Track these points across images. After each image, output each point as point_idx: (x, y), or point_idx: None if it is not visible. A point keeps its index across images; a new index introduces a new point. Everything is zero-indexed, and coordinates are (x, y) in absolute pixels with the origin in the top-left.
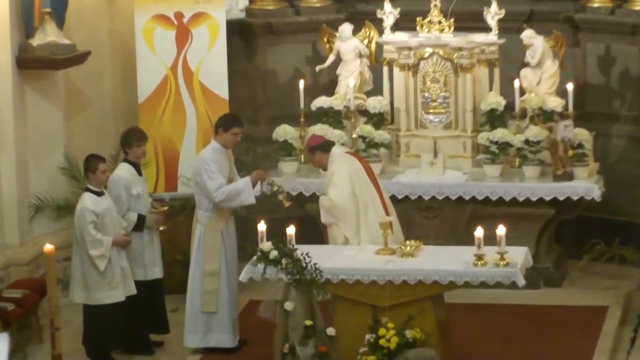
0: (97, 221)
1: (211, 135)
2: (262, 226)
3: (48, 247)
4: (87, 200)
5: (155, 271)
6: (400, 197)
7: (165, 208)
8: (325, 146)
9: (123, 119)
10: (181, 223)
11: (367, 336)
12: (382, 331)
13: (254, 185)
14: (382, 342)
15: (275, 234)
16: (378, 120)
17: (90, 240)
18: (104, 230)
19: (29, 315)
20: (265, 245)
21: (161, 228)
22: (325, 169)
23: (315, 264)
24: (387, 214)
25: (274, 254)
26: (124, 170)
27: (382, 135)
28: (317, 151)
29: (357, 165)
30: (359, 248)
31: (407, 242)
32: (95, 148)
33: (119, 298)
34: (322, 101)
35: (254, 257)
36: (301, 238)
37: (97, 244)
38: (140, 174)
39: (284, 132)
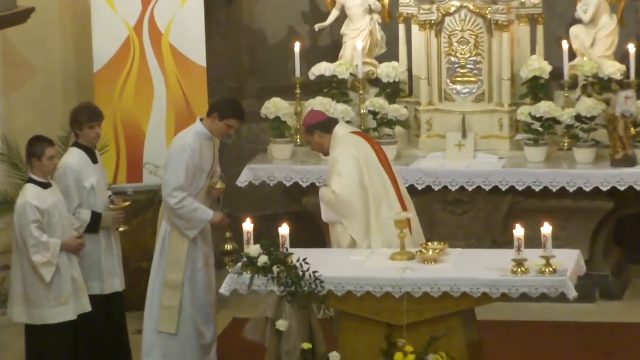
0: (42, 220)
1: (185, 112)
2: (248, 225)
3: None
4: (30, 194)
5: (115, 283)
6: (420, 187)
7: (127, 204)
8: (327, 125)
9: (75, 92)
10: (147, 222)
11: None
12: (398, 356)
13: (213, 224)
14: None
15: (266, 235)
16: (393, 91)
17: (34, 243)
18: (51, 231)
19: None
20: (253, 249)
21: (122, 229)
22: (326, 153)
23: (315, 272)
24: (404, 209)
25: (263, 260)
26: (74, 157)
27: (397, 110)
28: (316, 131)
29: (366, 148)
30: (369, 252)
31: (430, 244)
32: (40, 129)
33: (69, 316)
34: (322, 68)
35: (239, 264)
36: (297, 240)
37: (42, 248)
38: (95, 161)
39: (276, 107)
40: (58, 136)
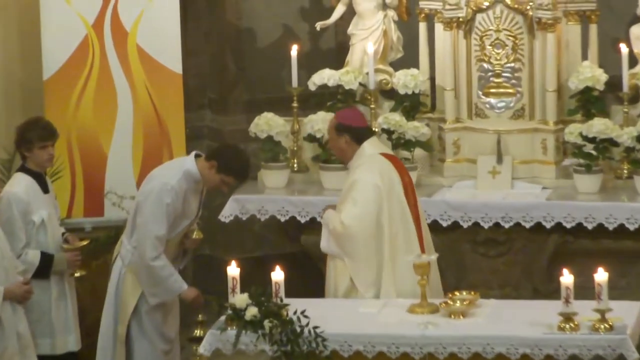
0: None
1: (155, 129)
2: (233, 270)
3: None
4: None
5: (69, 340)
6: (445, 224)
7: (84, 243)
8: (361, 135)
9: (19, 105)
10: (109, 265)
11: None
12: None
13: (183, 301)
14: None
15: (255, 281)
16: (411, 105)
17: None
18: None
19: None
20: (240, 299)
21: (77, 274)
22: (345, 162)
23: (315, 327)
24: (423, 251)
25: (252, 312)
26: (20, 184)
27: (417, 128)
28: (346, 135)
29: (392, 176)
30: (382, 303)
31: (457, 294)
32: None
33: None
34: (325, 76)
35: (222, 318)
36: (294, 288)
37: None
38: (45, 190)
39: (267, 124)
40: (0, 159)
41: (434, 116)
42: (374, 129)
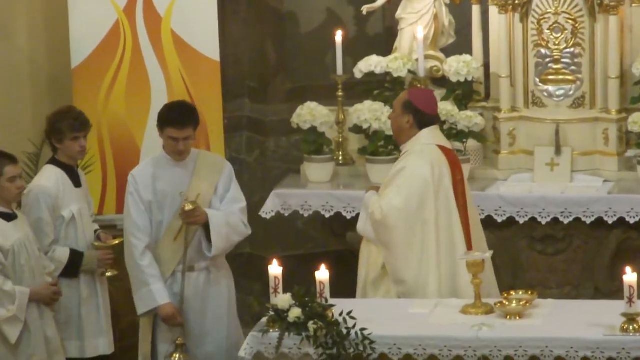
0: (4, 262)
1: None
2: (275, 269)
3: None
4: None
5: (99, 344)
6: (500, 219)
7: (117, 241)
8: (428, 120)
9: (46, 95)
10: None
11: None
12: None
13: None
14: None
15: (299, 281)
16: (464, 94)
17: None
18: (17, 276)
19: None
20: (282, 299)
21: (109, 273)
22: (399, 143)
23: (363, 329)
24: (470, 248)
25: (295, 313)
26: (49, 178)
27: (470, 118)
28: (412, 115)
29: (443, 171)
30: (434, 303)
31: (513, 293)
32: (2, 142)
33: None
34: (372, 63)
35: (264, 319)
36: (340, 287)
37: (5, 299)
38: (77, 184)
39: (311, 114)
40: (24, 152)
41: (488, 105)
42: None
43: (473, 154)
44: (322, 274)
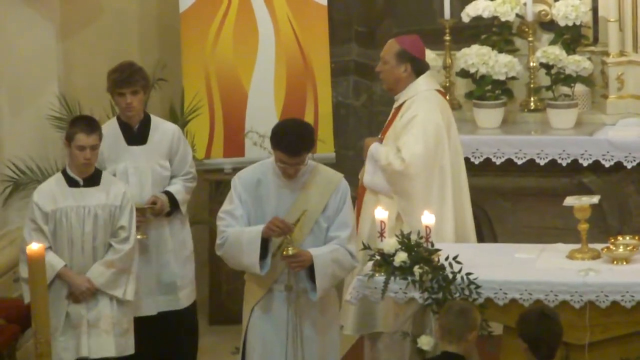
0: (39, 223)
1: (299, 65)
2: (381, 213)
3: (34, 246)
4: (42, 187)
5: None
6: (608, 164)
7: (149, 207)
8: (423, 66)
9: (155, 39)
10: None
11: None
12: None
13: (265, 242)
14: None
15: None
16: (572, 38)
17: (22, 249)
18: (57, 244)
19: (1, 358)
20: (388, 243)
21: (138, 236)
22: (394, 93)
23: (468, 274)
24: None
25: (401, 257)
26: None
27: (578, 62)
28: (408, 64)
29: (449, 114)
30: (540, 248)
31: (620, 238)
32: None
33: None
34: (479, 7)
35: (369, 263)
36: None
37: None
38: (136, 141)
39: None
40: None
41: (596, 49)
42: (517, 64)
43: (581, 98)
44: (428, 218)
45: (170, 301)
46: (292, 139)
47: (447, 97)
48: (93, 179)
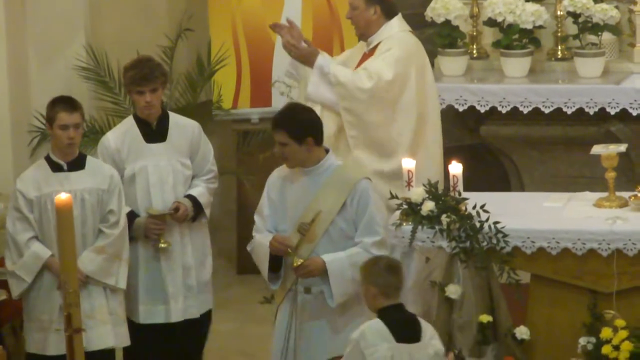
0: (23, 211)
1: (326, 13)
2: (408, 162)
3: (63, 196)
4: (26, 173)
5: (156, 311)
6: (635, 112)
7: (168, 212)
8: (393, 7)
9: None
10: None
11: (582, 340)
12: (606, 332)
13: (273, 260)
14: (606, 350)
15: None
16: None
17: (9, 242)
18: (44, 232)
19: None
20: (415, 192)
21: (162, 244)
22: (366, 37)
23: (496, 222)
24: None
25: (428, 206)
26: (117, 129)
27: (605, 11)
28: (377, 6)
29: (424, 58)
30: (567, 196)
31: None
32: (135, 35)
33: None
34: None
35: (397, 212)
36: (473, 181)
37: (14, 249)
38: (154, 139)
39: (445, 7)
40: (160, 46)
41: None
42: (544, 14)
43: (608, 47)
44: (455, 168)
45: (193, 307)
46: (275, 116)
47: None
48: (78, 163)
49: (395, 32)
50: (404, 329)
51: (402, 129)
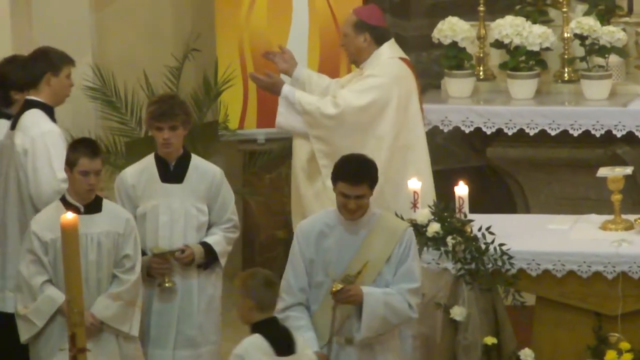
0: (39, 254)
1: (332, 33)
2: (414, 184)
3: (69, 216)
4: (42, 214)
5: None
6: None
7: (169, 251)
8: (383, 35)
9: (189, 7)
10: (283, 179)
11: None
12: (610, 355)
13: None
14: None
15: (438, 196)
16: (606, 8)
17: (21, 285)
18: (58, 275)
19: None
20: (421, 214)
21: (167, 284)
22: (358, 63)
23: (501, 244)
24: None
25: (434, 228)
26: (134, 166)
27: (612, 33)
28: (366, 33)
29: (410, 84)
30: (574, 219)
31: None
32: (144, 55)
33: None
34: None
35: None
36: (479, 202)
37: (27, 293)
38: (171, 179)
39: (452, 29)
40: (167, 66)
41: (630, 20)
42: (551, 35)
43: (615, 69)
44: (461, 189)
45: (189, 357)
46: (353, 167)
47: (409, 63)
48: (94, 206)
49: (383, 59)
50: (282, 342)
51: (373, 154)
